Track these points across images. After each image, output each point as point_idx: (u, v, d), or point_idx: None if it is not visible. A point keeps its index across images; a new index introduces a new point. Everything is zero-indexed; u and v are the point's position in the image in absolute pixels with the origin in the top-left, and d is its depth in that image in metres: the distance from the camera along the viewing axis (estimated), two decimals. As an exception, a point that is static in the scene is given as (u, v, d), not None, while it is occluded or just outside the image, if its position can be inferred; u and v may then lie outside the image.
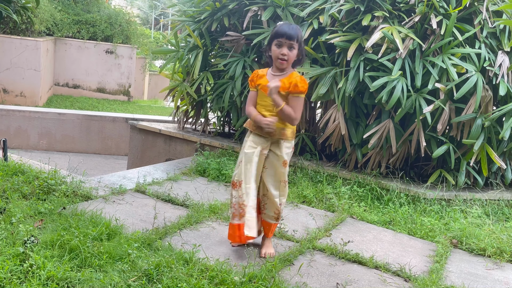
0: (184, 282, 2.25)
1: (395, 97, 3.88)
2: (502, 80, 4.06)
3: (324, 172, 4.40)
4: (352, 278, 2.68)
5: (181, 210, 3.43)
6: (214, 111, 5.56)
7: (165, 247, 2.65)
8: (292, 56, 2.70)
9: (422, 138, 4.08)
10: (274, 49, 2.70)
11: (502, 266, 3.18)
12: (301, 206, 3.85)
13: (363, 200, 4.04)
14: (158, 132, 5.76)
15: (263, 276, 2.40)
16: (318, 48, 4.49)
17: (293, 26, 2.70)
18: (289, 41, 2.65)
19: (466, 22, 4.23)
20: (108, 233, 2.68)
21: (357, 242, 3.22)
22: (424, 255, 3.18)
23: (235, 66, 4.91)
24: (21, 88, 10.76)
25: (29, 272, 2.16)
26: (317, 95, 4.29)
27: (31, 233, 2.50)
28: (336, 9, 4.30)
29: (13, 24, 10.55)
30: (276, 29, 2.70)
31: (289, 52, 2.67)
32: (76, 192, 3.40)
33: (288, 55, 2.67)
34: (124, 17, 13.01)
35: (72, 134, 8.33)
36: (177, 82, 5.71)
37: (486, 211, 4.01)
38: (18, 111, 8.09)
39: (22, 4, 7.05)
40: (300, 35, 2.70)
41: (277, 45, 2.68)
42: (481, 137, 4.05)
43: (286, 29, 2.66)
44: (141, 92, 15.45)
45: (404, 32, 4.01)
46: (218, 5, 5.01)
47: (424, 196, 4.02)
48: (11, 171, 3.55)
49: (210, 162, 4.52)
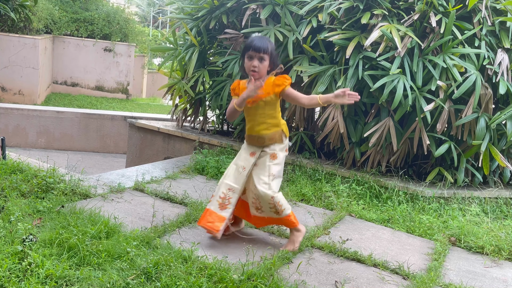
0: (183, 280, 2.25)
1: (398, 97, 3.86)
2: (501, 78, 4.06)
3: (322, 170, 4.40)
4: (350, 276, 2.68)
5: (180, 208, 3.43)
6: (213, 109, 5.55)
7: (164, 245, 2.65)
8: (262, 68, 2.81)
9: (425, 136, 4.08)
10: (246, 61, 2.83)
11: (500, 264, 3.18)
12: (299, 204, 3.85)
13: (361, 198, 4.05)
14: (157, 131, 5.75)
15: (262, 274, 2.40)
16: (317, 46, 4.49)
17: (263, 38, 2.84)
18: (259, 53, 2.78)
19: (465, 20, 4.23)
20: (106, 231, 2.68)
21: (356, 240, 3.22)
22: (422, 253, 3.19)
23: (233, 64, 4.91)
24: (19, 87, 10.74)
25: (27, 271, 2.16)
26: (316, 93, 4.29)
27: (29, 231, 2.50)
28: (335, 7, 4.29)
29: (11, 22, 10.53)
30: (247, 43, 2.84)
31: (259, 64, 2.79)
32: (75, 190, 3.39)
33: (258, 67, 2.79)
34: (122, 15, 12.98)
35: (71, 133, 8.32)
36: (176, 80, 5.71)
37: (484, 209, 4.01)
38: (16, 110, 8.08)
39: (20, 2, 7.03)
40: (270, 47, 2.82)
41: (248, 58, 2.81)
42: (487, 138, 4.06)
43: (256, 43, 2.79)
44: (140, 90, 15.43)
45: (403, 30, 4.01)
46: (217, 3, 5.00)
47: (422, 194, 4.03)
48: (9, 169, 3.54)
49: (208, 160, 4.52)
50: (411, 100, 3.92)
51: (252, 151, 2.90)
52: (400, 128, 4.23)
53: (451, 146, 4.14)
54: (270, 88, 2.81)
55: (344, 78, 4.16)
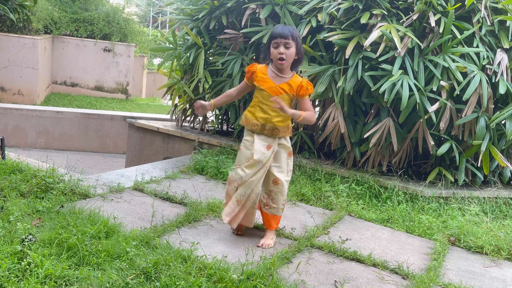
0: (182, 280, 2.25)
1: (404, 99, 3.84)
2: (501, 78, 4.06)
3: (322, 170, 4.40)
4: (350, 276, 2.68)
5: (179, 208, 3.42)
6: (212, 110, 5.54)
7: (163, 245, 2.65)
8: (289, 55, 2.78)
9: (428, 137, 4.08)
10: (272, 51, 2.81)
11: (500, 264, 3.18)
12: (299, 204, 3.85)
13: (361, 198, 4.05)
14: (156, 131, 5.75)
15: (261, 274, 2.40)
16: (317, 46, 4.49)
17: (287, 26, 2.84)
18: (284, 40, 2.75)
19: (464, 20, 4.23)
20: (106, 231, 2.68)
21: (355, 240, 3.22)
22: (422, 252, 3.19)
23: (233, 64, 4.91)
24: (18, 87, 10.74)
25: (27, 271, 2.16)
26: (315, 93, 4.29)
27: (29, 231, 2.50)
28: (334, 7, 4.29)
29: (10, 22, 10.53)
30: (272, 31, 2.84)
31: (286, 51, 2.77)
32: (74, 190, 3.39)
33: (285, 53, 2.76)
34: (122, 15, 12.98)
35: (70, 133, 8.32)
36: (175, 80, 5.71)
37: (484, 209, 4.01)
38: (16, 110, 8.07)
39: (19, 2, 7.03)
40: (295, 34, 2.79)
41: (274, 46, 2.79)
42: (487, 137, 4.06)
43: (280, 29, 2.78)
44: (139, 90, 15.43)
45: (403, 30, 4.01)
46: (217, 3, 5.00)
47: (422, 194, 4.03)
48: (9, 169, 3.54)
49: (208, 160, 4.52)
50: (418, 99, 3.90)
51: (268, 143, 2.87)
52: (400, 128, 4.23)
53: (452, 145, 4.14)
54: (296, 89, 2.83)
55: (343, 78, 4.16)
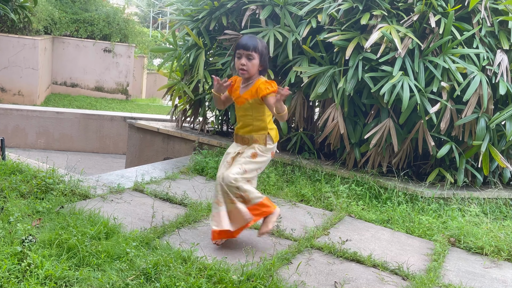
0: (182, 281, 2.25)
1: (405, 101, 3.84)
2: (501, 79, 4.06)
3: (322, 171, 4.40)
4: (350, 277, 2.68)
5: (179, 209, 3.42)
6: (212, 110, 5.55)
7: (163, 246, 2.65)
8: (251, 67, 2.80)
9: (428, 137, 4.08)
10: (236, 61, 2.83)
11: (500, 265, 3.18)
12: (299, 205, 3.85)
13: (361, 198, 4.05)
14: (156, 131, 5.75)
15: (261, 275, 2.40)
16: (317, 47, 4.49)
17: (253, 38, 2.84)
18: (247, 51, 2.77)
19: (464, 21, 4.23)
20: (106, 232, 2.68)
21: (355, 241, 3.22)
22: (422, 253, 3.19)
23: (233, 64, 4.90)
24: (18, 87, 10.74)
25: (27, 271, 2.16)
26: (315, 94, 4.29)
27: (29, 232, 2.50)
28: (334, 8, 4.29)
29: (10, 22, 10.53)
30: (237, 42, 2.85)
31: (248, 62, 2.78)
32: (74, 190, 3.39)
33: (247, 65, 2.78)
34: (122, 15, 12.99)
35: (70, 133, 8.32)
36: (175, 81, 5.71)
37: (484, 210, 4.01)
38: (16, 110, 8.08)
39: (20, 3, 7.03)
40: (260, 46, 2.80)
41: (237, 57, 2.82)
42: (487, 138, 4.06)
43: (244, 41, 2.80)
44: (139, 90, 15.44)
45: (403, 31, 4.01)
46: (217, 4, 5.01)
47: (422, 195, 4.03)
48: (9, 170, 3.54)
49: (208, 161, 4.52)
50: (418, 100, 3.91)
51: (239, 150, 2.91)
52: (400, 129, 4.23)
53: (452, 147, 4.14)
54: (254, 92, 2.79)
55: (344, 79, 4.16)
